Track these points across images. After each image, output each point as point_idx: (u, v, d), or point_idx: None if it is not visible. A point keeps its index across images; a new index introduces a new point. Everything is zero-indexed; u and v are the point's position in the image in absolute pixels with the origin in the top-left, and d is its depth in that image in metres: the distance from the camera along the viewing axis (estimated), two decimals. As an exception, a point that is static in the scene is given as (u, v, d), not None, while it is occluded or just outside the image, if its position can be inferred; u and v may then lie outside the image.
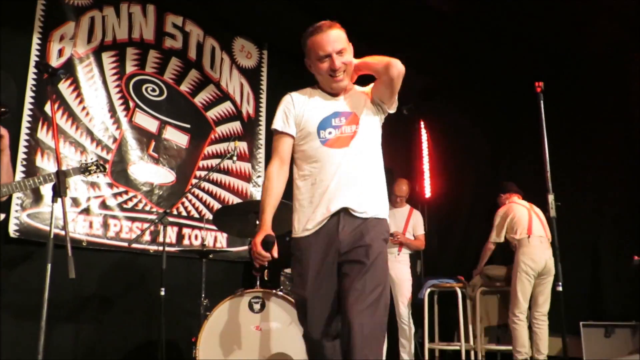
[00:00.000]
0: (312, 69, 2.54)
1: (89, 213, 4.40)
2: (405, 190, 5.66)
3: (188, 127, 5.12)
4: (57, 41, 4.41)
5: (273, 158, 2.54)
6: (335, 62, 2.43)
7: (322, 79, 2.52)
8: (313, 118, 2.49)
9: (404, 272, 5.45)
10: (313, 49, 2.46)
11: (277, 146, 2.54)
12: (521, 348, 4.66)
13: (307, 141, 2.47)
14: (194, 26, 5.33)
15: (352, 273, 2.31)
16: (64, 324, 4.12)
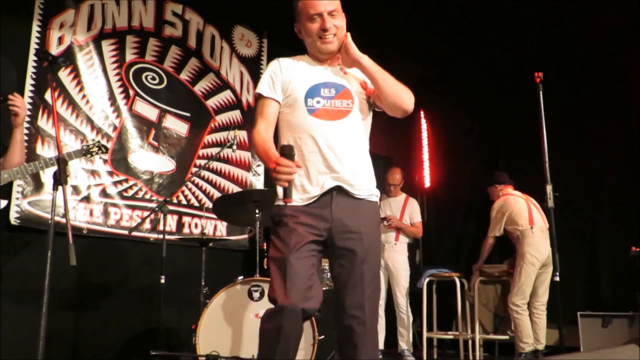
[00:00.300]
0: (301, 34, 2.43)
1: (89, 201, 4.41)
2: (398, 179, 5.68)
3: (188, 115, 5.12)
4: (57, 29, 4.40)
5: (258, 121, 2.36)
6: (326, 22, 2.33)
7: (310, 42, 2.39)
8: (301, 85, 2.35)
9: (402, 261, 5.48)
10: (304, 8, 2.36)
11: (263, 110, 2.38)
12: (527, 339, 4.66)
13: (294, 109, 2.34)
14: (193, 14, 5.31)
15: (347, 264, 2.25)
16: (65, 311, 4.15)
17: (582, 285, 5.33)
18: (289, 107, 2.36)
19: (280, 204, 2.25)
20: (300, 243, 2.19)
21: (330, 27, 2.34)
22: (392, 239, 5.50)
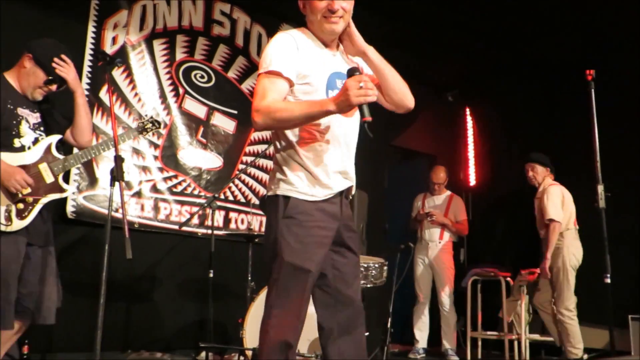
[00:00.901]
0: (305, 9, 2.21)
1: (140, 196, 4.55)
2: (442, 178, 5.66)
3: (235, 113, 5.21)
4: (111, 29, 4.54)
5: (268, 94, 2.05)
6: (335, 3, 2.11)
7: (314, 20, 2.16)
8: (320, 73, 2.16)
9: (446, 259, 5.46)
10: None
11: (275, 87, 2.07)
12: (579, 345, 4.53)
13: (313, 97, 2.12)
14: (241, 13, 5.40)
15: (349, 262, 2.21)
16: (117, 302, 4.29)
17: (633, 287, 5.18)
18: (306, 95, 2.14)
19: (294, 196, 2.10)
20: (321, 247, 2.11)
21: (338, 9, 2.12)
22: (437, 237, 5.48)
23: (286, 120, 2.04)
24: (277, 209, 2.11)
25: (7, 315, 2.61)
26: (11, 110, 2.78)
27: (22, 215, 2.71)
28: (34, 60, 2.85)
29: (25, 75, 2.86)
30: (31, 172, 2.76)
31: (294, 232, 2.08)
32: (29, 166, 2.78)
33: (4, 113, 2.74)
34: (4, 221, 2.62)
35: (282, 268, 2.07)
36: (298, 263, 2.05)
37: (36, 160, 2.82)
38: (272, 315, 2.08)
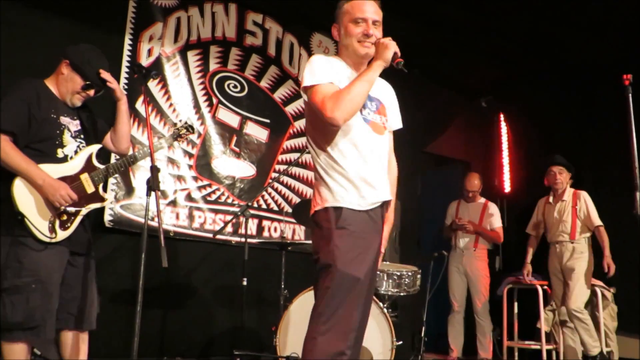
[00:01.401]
0: (338, 35, 2.44)
1: (175, 205, 4.62)
2: (477, 185, 5.61)
3: (268, 122, 5.26)
4: (147, 41, 4.64)
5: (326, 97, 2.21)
6: (370, 28, 2.35)
7: (348, 43, 2.39)
8: None
9: (481, 267, 5.39)
10: (350, 10, 2.39)
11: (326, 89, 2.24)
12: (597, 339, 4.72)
13: None
14: (273, 23, 5.45)
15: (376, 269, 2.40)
16: (154, 310, 4.35)
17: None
18: None
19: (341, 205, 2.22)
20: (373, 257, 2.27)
21: (372, 34, 2.35)
22: (471, 245, 5.43)
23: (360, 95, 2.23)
24: (329, 220, 2.22)
25: (50, 325, 2.66)
26: (54, 119, 2.82)
27: (65, 226, 2.75)
28: (71, 66, 2.88)
29: (64, 81, 2.89)
30: (73, 183, 2.80)
31: (347, 241, 2.18)
32: (72, 177, 2.82)
33: (48, 122, 2.78)
34: (48, 233, 2.67)
35: (335, 277, 2.15)
36: (351, 272, 2.15)
37: (78, 171, 2.86)
38: (322, 323, 2.16)
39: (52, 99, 2.85)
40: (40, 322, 2.60)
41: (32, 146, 2.73)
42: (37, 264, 2.64)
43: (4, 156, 2.61)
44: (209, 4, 5.05)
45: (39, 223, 2.66)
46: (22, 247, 2.62)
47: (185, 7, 4.91)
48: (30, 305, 2.58)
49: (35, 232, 2.64)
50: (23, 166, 2.63)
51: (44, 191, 2.67)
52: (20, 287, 2.58)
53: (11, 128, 2.65)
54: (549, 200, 5.18)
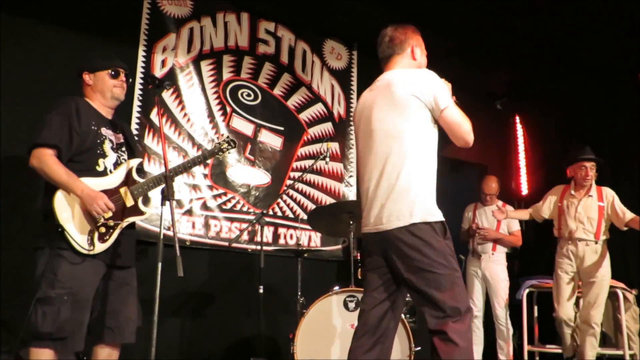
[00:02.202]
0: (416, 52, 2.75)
1: (191, 214, 4.64)
2: (495, 188, 5.56)
3: (282, 129, 5.27)
4: (160, 52, 4.68)
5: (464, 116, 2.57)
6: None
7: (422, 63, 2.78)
8: None
9: (500, 271, 5.33)
10: (424, 47, 2.81)
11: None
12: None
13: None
14: (285, 31, 5.47)
15: None
16: (171, 318, 4.38)
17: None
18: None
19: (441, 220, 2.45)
20: None
21: None
22: (490, 249, 5.37)
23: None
24: (436, 233, 2.41)
25: (79, 337, 2.69)
26: (95, 130, 2.89)
27: (103, 238, 2.79)
28: (93, 71, 2.98)
29: (95, 87, 2.98)
30: (113, 196, 2.85)
31: (452, 251, 2.44)
32: (112, 190, 2.86)
33: (89, 134, 2.85)
34: (86, 245, 2.71)
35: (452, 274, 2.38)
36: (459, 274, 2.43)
37: (118, 184, 2.91)
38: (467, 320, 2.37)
39: (91, 112, 2.94)
40: (69, 333, 2.64)
41: (75, 159, 2.81)
42: (72, 276, 2.67)
43: (47, 169, 2.69)
44: (221, 13, 5.09)
45: (78, 236, 2.70)
46: (59, 259, 2.67)
47: (198, 17, 4.95)
48: (61, 317, 2.61)
49: (74, 245, 2.68)
50: (64, 178, 2.69)
51: (82, 202, 2.72)
52: (52, 298, 2.62)
53: (54, 142, 2.73)
54: (570, 191, 4.85)
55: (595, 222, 4.64)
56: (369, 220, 2.52)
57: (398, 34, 2.74)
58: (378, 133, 2.55)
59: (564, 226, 4.80)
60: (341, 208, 4.02)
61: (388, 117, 2.52)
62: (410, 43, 2.73)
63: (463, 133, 2.51)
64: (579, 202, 4.74)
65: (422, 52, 2.79)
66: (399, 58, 2.73)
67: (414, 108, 2.47)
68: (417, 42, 2.76)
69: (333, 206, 4.66)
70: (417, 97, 2.47)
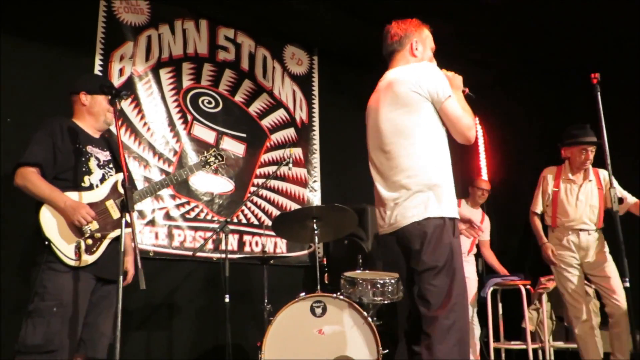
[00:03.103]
0: (418, 48, 2.72)
1: (154, 224, 4.57)
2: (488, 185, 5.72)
3: (244, 136, 5.24)
4: (118, 61, 4.61)
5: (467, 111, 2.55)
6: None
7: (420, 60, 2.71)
8: None
9: (472, 271, 5.42)
10: (430, 38, 2.79)
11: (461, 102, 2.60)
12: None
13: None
14: (245, 37, 5.45)
15: None
16: (136, 331, 4.30)
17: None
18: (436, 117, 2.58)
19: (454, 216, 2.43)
20: None
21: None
22: (466, 250, 5.43)
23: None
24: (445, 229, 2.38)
25: (67, 350, 2.67)
26: (80, 148, 2.93)
27: (91, 250, 2.81)
28: (90, 93, 3.05)
29: (90, 109, 3.05)
30: (99, 209, 2.88)
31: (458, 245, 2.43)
32: (97, 204, 2.90)
33: (74, 152, 2.90)
34: (73, 257, 2.73)
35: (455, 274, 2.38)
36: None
37: (103, 197, 2.94)
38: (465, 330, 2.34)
39: (77, 132, 2.98)
40: (58, 346, 2.64)
41: (59, 176, 2.86)
42: (61, 288, 2.70)
43: (30, 186, 2.76)
44: (179, 20, 5.04)
45: (65, 247, 2.73)
46: (49, 272, 2.70)
47: (156, 25, 4.89)
48: (51, 329, 2.63)
49: (61, 256, 2.71)
50: (47, 192, 2.75)
51: (65, 213, 2.74)
52: (42, 310, 2.65)
53: (36, 160, 2.80)
54: (567, 175, 4.37)
55: (597, 209, 4.25)
56: (386, 221, 2.53)
57: (398, 29, 2.74)
58: (387, 133, 2.54)
59: (561, 214, 4.33)
60: (306, 213, 4.01)
61: (395, 117, 2.51)
62: (411, 38, 2.71)
63: (462, 127, 2.48)
64: (580, 187, 4.31)
65: (425, 46, 2.75)
66: (399, 55, 2.73)
67: (418, 104, 2.47)
68: (419, 37, 2.73)
69: (298, 212, 4.64)
70: (417, 93, 2.46)
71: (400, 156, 2.48)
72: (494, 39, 5.74)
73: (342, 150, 5.77)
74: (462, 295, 2.35)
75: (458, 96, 2.56)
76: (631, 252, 2.97)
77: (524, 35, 5.60)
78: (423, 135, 2.46)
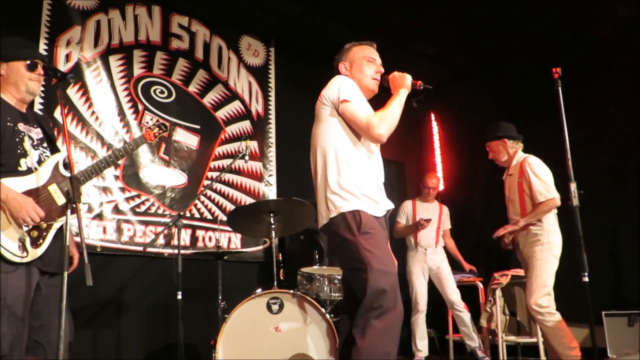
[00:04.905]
0: (350, 70, 2.77)
1: (102, 218, 4.37)
2: (436, 182, 5.74)
3: (198, 128, 5.08)
4: (64, 46, 4.38)
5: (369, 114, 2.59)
6: (382, 68, 2.79)
7: (362, 78, 2.75)
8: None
9: (444, 261, 5.45)
10: (362, 51, 2.79)
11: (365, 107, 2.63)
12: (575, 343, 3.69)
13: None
14: (200, 26, 5.28)
15: None
16: (82, 331, 4.11)
17: (607, 284, 5.20)
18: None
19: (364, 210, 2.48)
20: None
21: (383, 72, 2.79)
22: (433, 242, 5.43)
23: (398, 117, 2.64)
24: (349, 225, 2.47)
25: (18, 353, 2.42)
26: (12, 127, 2.57)
27: (37, 243, 2.52)
28: (6, 60, 2.65)
29: (7, 79, 2.64)
30: (41, 195, 2.57)
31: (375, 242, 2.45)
32: (39, 189, 2.57)
33: (6, 132, 2.53)
34: (18, 252, 2.44)
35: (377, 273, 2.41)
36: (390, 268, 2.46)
37: (45, 182, 2.61)
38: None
39: (4, 107, 2.60)
40: (7, 350, 2.37)
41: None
42: (5, 287, 2.39)
43: None
44: (130, 6, 4.84)
45: (8, 243, 2.43)
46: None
47: (105, 9, 4.67)
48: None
49: (5, 253, 2.40)
50: None
51: (7, 207, 2.43)
52: None
53: None
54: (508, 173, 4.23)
55: (517, 204, 4.06)
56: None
57: (337, 56, 2.87)
58: (312, 147, 2.74)
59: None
60: (262, 208, 3.90)
61: (314, 130, 2.72)
62: (340, 61, 2.84)
63: (362, 129, 2.57)
64: (506, 182, 4.23)
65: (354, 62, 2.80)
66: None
67: (325, 114, 2.64)
68: (346, 58, 2.82)
69: (254, 206, 4.52)
70: (323, 104, 2.64)
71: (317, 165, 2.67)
72: (450, 34, 5.76)
73: (299, 143, 5.65)
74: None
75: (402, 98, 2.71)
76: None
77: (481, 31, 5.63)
78: (327, 142, 2.62)
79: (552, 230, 3.87)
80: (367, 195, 2.53)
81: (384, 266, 2.41)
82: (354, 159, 2.58)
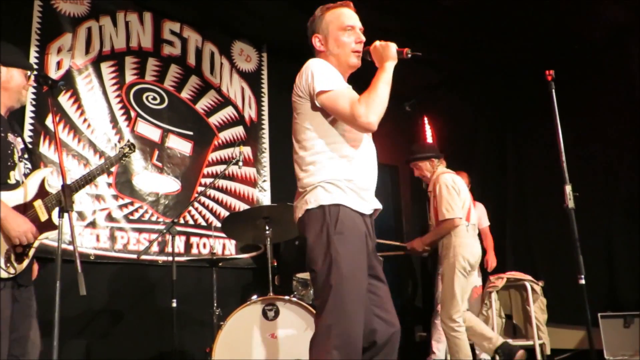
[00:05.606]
0: (326, 44, 2.35)
1: (95, 226, 4.33)
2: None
3: (191, 134, 5.05)
4: (55, 53, 4.35)
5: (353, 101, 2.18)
6: (362, 36, 2.33)
7: (340, 53, 2.34)
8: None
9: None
10: (336, 19, 2.34)
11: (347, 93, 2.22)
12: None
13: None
14: (191, 32, 5.26)
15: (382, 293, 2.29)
16: (75, 340, 4.07)
17: (602, 286, 5.21)
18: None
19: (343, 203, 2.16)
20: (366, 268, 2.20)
21: (364, 40, 2.34)
22: None
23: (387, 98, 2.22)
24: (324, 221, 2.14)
25: None
26: (3, 137, 2.53)
27: (21, 258, 2.51)
28: (7, 65, 2.60)
29: (6, 84, 2.59)
30: (27, 211, 2.55)
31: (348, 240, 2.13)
32: (25, 205, 2.55)
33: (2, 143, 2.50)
34: (4, 266, 2.42)
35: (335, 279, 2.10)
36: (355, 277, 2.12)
37: (31, 197, 2.59)
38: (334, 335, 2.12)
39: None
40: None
41: None
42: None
43: None
44: (121, 12, 4.81)
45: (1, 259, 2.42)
46: None
47: (96, 16, 4.65)
48: None
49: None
50: None
51: (5, 225, 2.41)
52: None
53: None
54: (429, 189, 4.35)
55: (432, 220, 4.22)
56: None
57: (308, 24, 2.44)
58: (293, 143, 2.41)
59: None
60: (256, 213, 3.88)
61: (294, 126, 2.37)
62: (313, 32, 2.42)
63: (347, 120, 2.20)
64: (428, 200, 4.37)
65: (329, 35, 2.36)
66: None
67: (300, 105, 2.31)
68: (321, 30, 2.39)
69: (249, 211, 4.50)
70: (298, 95, 2.30)
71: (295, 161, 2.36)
72: (443, 38, 5.76)
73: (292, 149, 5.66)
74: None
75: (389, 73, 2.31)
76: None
77: (474, 35, 5.64)
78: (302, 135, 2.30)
79: (460, 243, 3.96)
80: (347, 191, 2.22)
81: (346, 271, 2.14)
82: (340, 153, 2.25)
